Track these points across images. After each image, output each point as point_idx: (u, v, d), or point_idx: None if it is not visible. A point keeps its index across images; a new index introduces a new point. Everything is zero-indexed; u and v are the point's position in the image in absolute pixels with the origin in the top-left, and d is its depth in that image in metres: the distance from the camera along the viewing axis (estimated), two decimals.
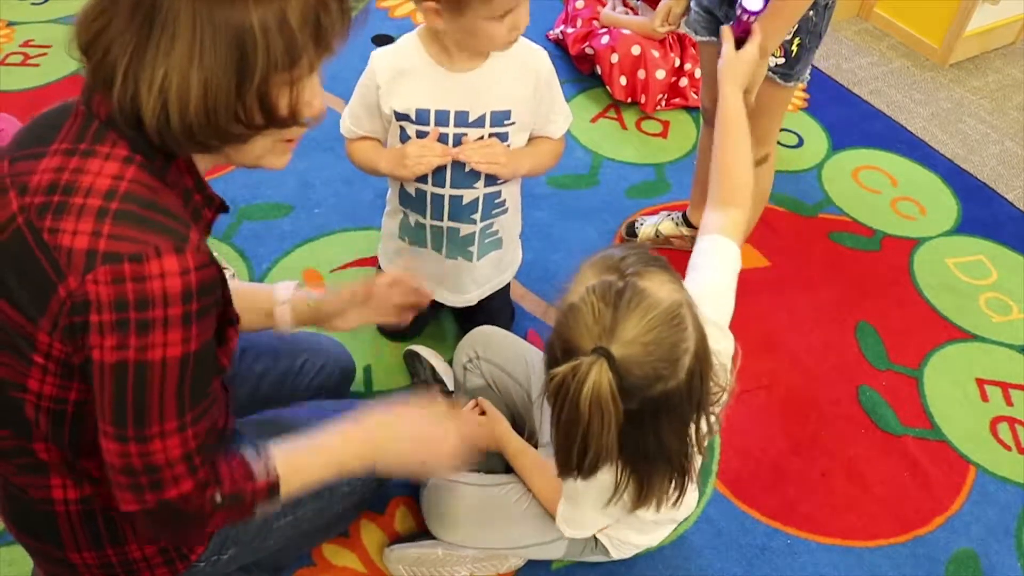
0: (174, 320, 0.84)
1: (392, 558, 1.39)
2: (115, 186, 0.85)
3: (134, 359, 0.84)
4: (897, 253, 2.11)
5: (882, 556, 1.52)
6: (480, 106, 1.36)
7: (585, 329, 0.94)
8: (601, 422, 0.93)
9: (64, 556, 1.03)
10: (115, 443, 0.88)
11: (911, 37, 2.88)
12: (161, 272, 0.82)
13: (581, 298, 0.95)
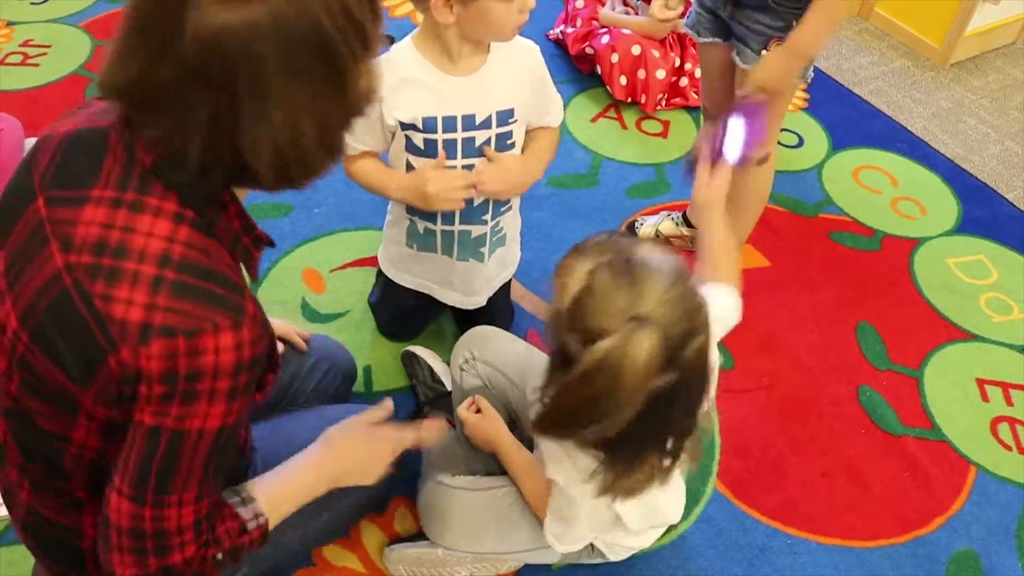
0: (220, 393, 0.83)
1: (392, 558, 1.39)
2: (168, 251, 0.82)
3: (171, 426, 0.83)
4: (897, 253, 2.11)
5: (882, 556, 1.52)
6: (485, 107, 1.35)
7: (607, 307, 0.92)
8: (630, 398, 0.92)
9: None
10: (129, 504, 0.86)
11: (911, 37, 2.88)
12: (216, 348, 0.81)
13: (589, 282, 0.94)
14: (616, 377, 0.90)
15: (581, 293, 0.94)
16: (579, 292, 0.95)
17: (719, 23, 1.62)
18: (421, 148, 1.37)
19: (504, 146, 1.40)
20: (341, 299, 1.84)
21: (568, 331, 0.95)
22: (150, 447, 0.84)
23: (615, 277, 0.93)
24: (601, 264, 0.95)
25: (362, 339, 1.76)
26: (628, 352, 0.89)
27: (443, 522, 1.35)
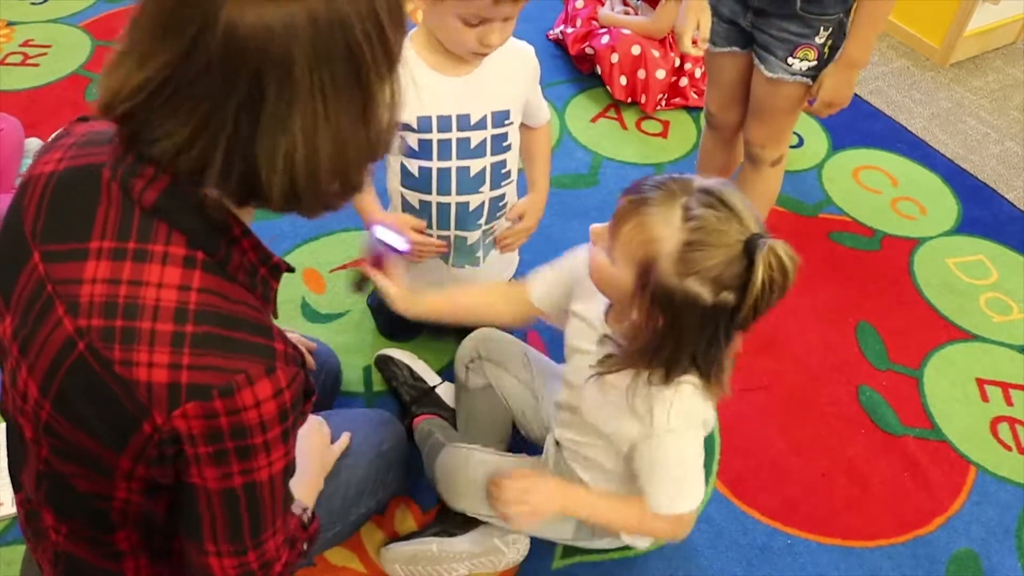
0: (274, 441, 0.80)
1: (388, 558, 1.39)
2: (184, 301, 0.77)
3: (241, 483, 0.81)
4: (897, 253, 2.11)
5: (882, 556, 1.52)
6: (480, 108, 1.35)
7: (724, 239, 0.96)
8: None
9: None
10: (232, 559, 0.86)
11: (911, 37, 2.88)
12: (256, 401, 0.77)
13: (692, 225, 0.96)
14: (783, 288, 0.99)
15: (690, 236, 0.96)
16: (687, 236, 0.96)
17: (737, 32, 1.62)
18: (417, 149, 1.36)
19: (500, 148, 1.39)
20: (341, 299, 1.84)
21: (685, 276, 0.97)
22: (231, 507, 0.82)
23: (715, 209, 0.97)
24: (689, 203, 0.98)
25: (362, 339, 1.76)
26: (780, 265, 0.98)
27: (458, 480, 1.33)
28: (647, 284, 0.99)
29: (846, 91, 1.56)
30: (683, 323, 1.00)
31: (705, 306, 0.97)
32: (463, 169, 1.38)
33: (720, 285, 0.96)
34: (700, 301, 0.97)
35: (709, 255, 0.96)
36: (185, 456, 0.78)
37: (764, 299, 0.97)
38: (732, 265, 0.96)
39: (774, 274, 0.97)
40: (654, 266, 0.98)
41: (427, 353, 1.73)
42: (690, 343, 1.02)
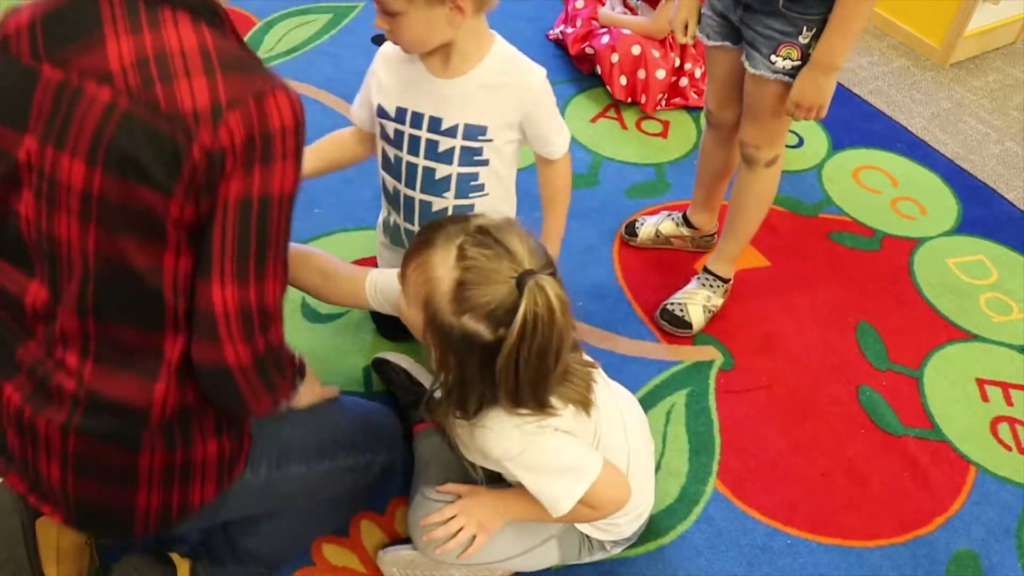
0: (290, 153, 0.93)
1: (386, 560, 1.39)
2: (204, 45, 0.90)
3: (258, 195, 0.91)
4: (897, 253, 2.11)
5: (882, 556, 1.52)
6: (454, 116, 1.34)
7: (495, 276, 1.01)
8: (568, 323, 1.03)
9: (136, 458, 1.04)
10: (235, 287, 0.94)
11: (911, 37, 2.88)
12: (278, 107, 0.91)
13: (464, 264, 1.02)
14: (550, 324, 1.00)
15: (462, 275, 1.02)
16: (459, 275, 1.02)
17: (729, 27, 1.62)
18: (392, 137, 1.39)
19: (471, 161, 1.38)
20: None
21: (460, 315, 1.02)
22: (244, 222, 0.92)
23: (487, 248, 1.02)
24: (464, 244, 1.03)
25: (362, 339, 1.76)
26: (543, 301, 0.99)
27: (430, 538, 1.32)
28: (432, 323, 1.05)
29: (814, 93, 1.53)
30: (468, 360, 1.05)
31: (485, 343, 1.02)
32: (429, 169, 1.39)
33: (496, 322, 1.01)
34: (479, 338, 1.02)
35: (481, 293, 1.01)
36: (226, 173, 0.89)
37: (531, 334, 1.00)
38: (504, 302, 1.00)
39: (539, 310, 0.99)
40: (435, 305, 1.04)
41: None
42: (478, 379, 1.06)
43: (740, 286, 1.97)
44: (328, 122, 2.26)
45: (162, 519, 1.10)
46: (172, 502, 1.09)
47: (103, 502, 1.07)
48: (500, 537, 1.32)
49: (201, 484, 1.10)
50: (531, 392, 1.07)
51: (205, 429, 1.08)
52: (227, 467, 1.13)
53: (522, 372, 1.03)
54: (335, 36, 2.57)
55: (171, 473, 1.07)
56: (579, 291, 1.91)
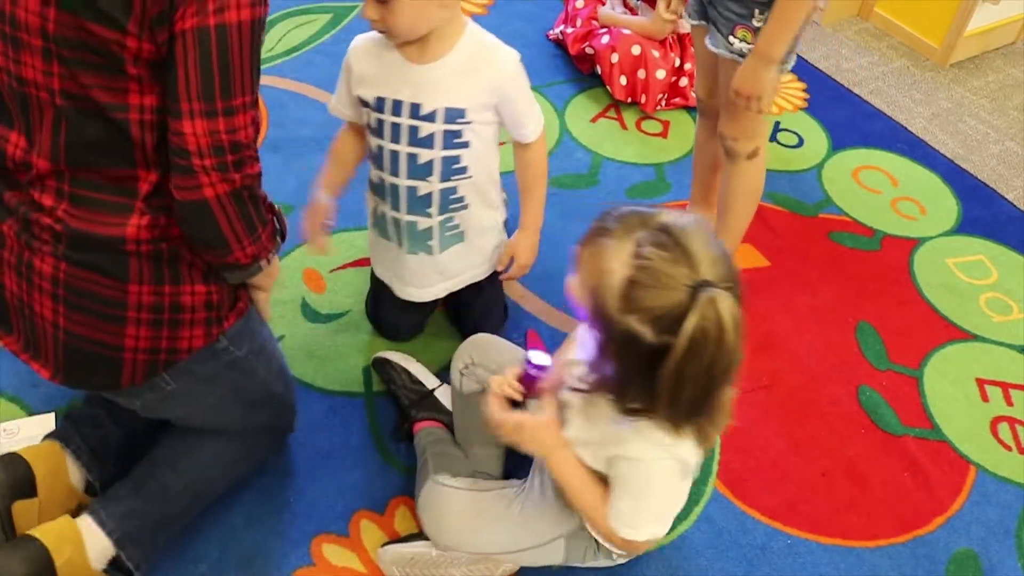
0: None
1: (386, 559, 1.39)
2: None
3: (214, 23, 0.93)
4: (897, 253, 2.11)
5: (882, 556, 1.52)
6: (433, 101, 1.36)
7: (669, 281, 0.94)
8: (740, 343, 0.95)
9: (124, 289, 1.07)
10: (203, 120, 0.96)
11: (911, 37, 2.88)
12: None
13: (638, 263, 0.95)
14: (719, 343, 0.93)
15: (635, 273, 0.96)
16: (632, 273, 0.96)
17: (702, 6, 1.66)
18: (374, 127, 1.41)
19: (452, 144, 1.40)
20: (341, 299, 1.84)
21: (627, 313, 0.96)
22: (203, 50, 0.93)
23: (664, 250, 0.95)
24: (642, 240, 0.96)
25: (362, 339, 1.76)
26: (716, 318, 0.92)
27: (441, 522, 1.34)
28: (597, 313, 1.01)
29: (751, 82, 1.51)
30: (627, 359, 1.00)
31: (647, 345, 0.96)
32: (412, 155, 1.40)
33: (661, 328, 0.95)
34: (642, 340, 0.96)
35: (651, 296, 0.95)
36: (174, 6, 0.90)
37: (697, 351, 0.94)
38: (674, 309, 0.94)
39: (708, 326, 0.93)
40: (602, 297, 0.99)
41: (425, 354, 1.73)
42: (637, 380, 1.01)
43: None
44: (328, 121, 2.25)
45: (150, 366, 1.12)
46: (161, 346, 1.12)
47: (93, 341, 1.09)
48: (511, 527, 1.32)
49: (190, 328, 1.13)
50: (688, 410, 1.02)
51: (194, 272, 1.11)
52: (216, 314, 1.16)
53: (686, 388, 0.97)
54: (335, 36, 2.57)
55: (160, 311, 1.09)
56: None
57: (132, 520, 1.27)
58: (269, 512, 1.47)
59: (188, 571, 1.38)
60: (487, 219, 1.57)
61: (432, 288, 1.61)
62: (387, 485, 1.53)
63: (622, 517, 1.16)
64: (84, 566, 1.23)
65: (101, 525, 1.25)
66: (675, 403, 1.00)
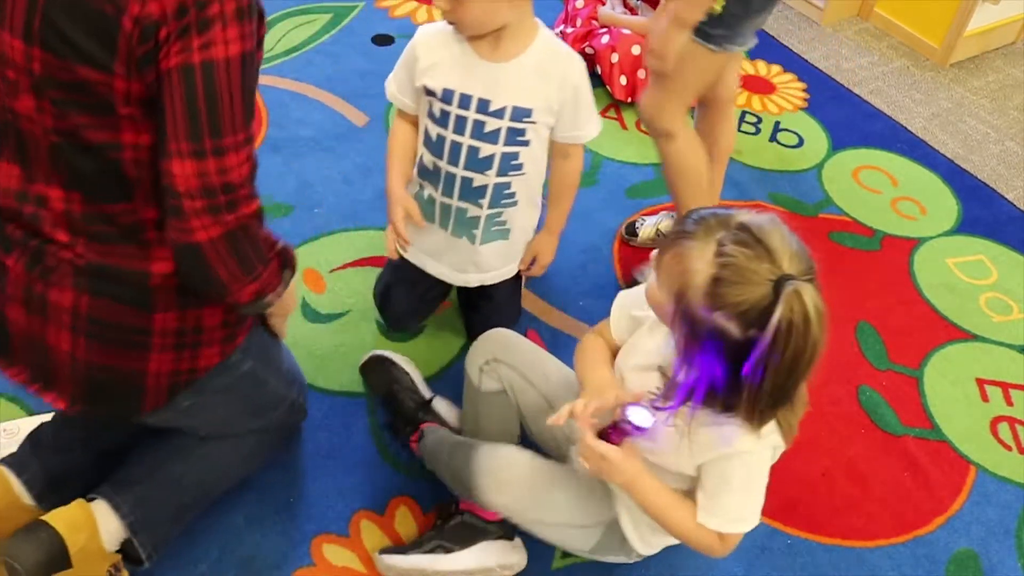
0: (230, 15, 0.90)
1: (382, 565, 1.39)
2: None
3: (199, 60, 0.89)
4: (897, 253, 2.11)
5: (882, 556, 1.52)
6: (502, 98, 1.40)
7: (752, 276, 0.97)
8: (824, 335, 0.98)
9: (150, 318, 1.06)
10: (192, 161, 0.92)
11: (911, 37, 2.88)
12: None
13: (721, 261, 0.98)
14: (805, 334, 0.96)
15: (719, 271, 0.98)
16: (716, 271, 0.98)
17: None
18: (437, 116, 1.44)
19: (514, 141, 1.44)
20: (341, 299, 1.84)
21: (713, 310, 0.99)
22: (189, 87, 0.90)
23: (746, 247, 0.98)
24: (723, 239, 0.99)
25: (362, 339, 1.76)
26: (802, 310, 0.95)
27: (509, 484, 1.32)
28: (682, 313, 1.02)
29: (664, 42, 1.50)
30: (713, 356, 1.01)
31: (734, 341, 0.98)
32: (474, 148, 1.43)
33: (747, 323, 0.97)
34: (728, 336, 0.98)
35: (736, 292, 0.97)
36: (161, 44, 0.88)
37: (784, 342, 0.96)
38: (759, 303, 0.96)
39: (794, 317, 0.95)
40: (687, 296, 1.01)
41: (427, 353, 1.73)
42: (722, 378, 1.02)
43: None
44: (328, 122, 2.26)
45: (171, 388, 1.12)
46: (182, 367, 1.11)
47: (115, 369, 1.08)
48: (573, 497, 1.31)
49: (208, 347, 1.13)
50: (771, 402, 1.03)
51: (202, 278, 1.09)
52: (231, 333, 1.16)
53: (768, 379, 0.99)
54: (335, 36, 2.57)
55: (183, 333, 1.09)
56: (579, 291, 1.92)
57: (146, 506, 1.26)
58: (269, 512, 1.47)
59: (188, 571, 1.38)
60: (530, 218, 1.61)
61: (466, 275, 1.63)
62: (387, 485, 1.53)
63: (729, 514, 1.16)
64: (98, 551, 1.23)
65: (116, 509, 1.24)
66: (760, 396, 1.02)
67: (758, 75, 2.66)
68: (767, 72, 2.68)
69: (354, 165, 2.13)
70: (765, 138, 2.41)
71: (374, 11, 2.65)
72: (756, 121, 2.47)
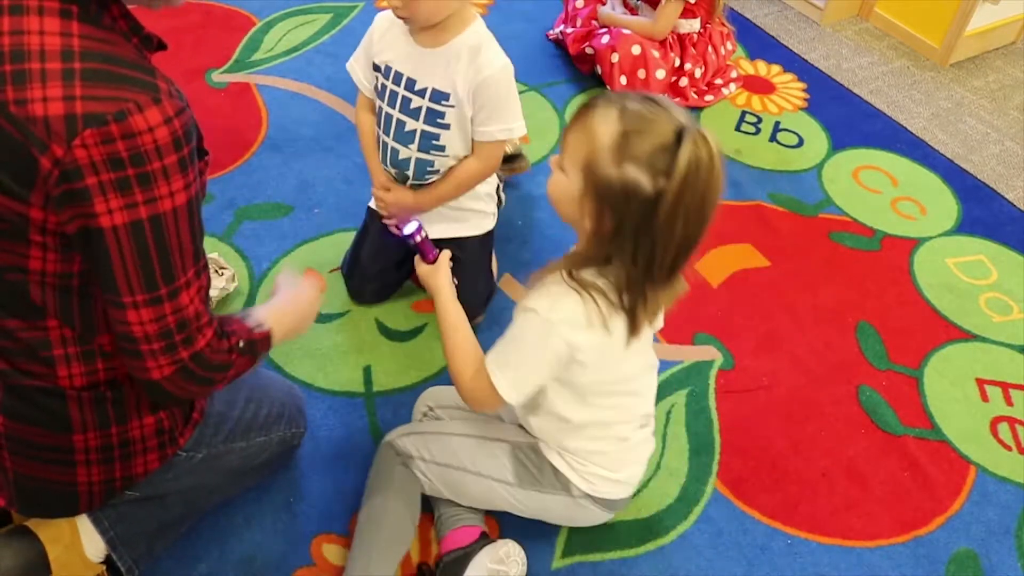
0: (172, 168, 0.86)
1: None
2: (68, 44, 0.82)
3: (147, 215, 0.87)
4: (897, 253, 2.11)
5: (882, 556, 1.52)
6: (425, 80, 1.54)
7: (658, 128, 1.02)
8: (723, 177, 1.04)
9: (69, 439, 1.04)
10: (149, 309, 0.91)
11: (911, 37, 2.88)
12: (148, 126, 0.83)
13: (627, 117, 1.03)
14: (711, 172, 1.02)
15: (625, 126, 1.03)
16: (623, 127, 1.03)
17: None
18: (379, 90, 1.61)
19: (434, 123, 1.57)
20: (341, 299, 1.84)
21: (623, 163, 1.02)
22: (139, 244, 0.88)
23: (648, 106, 1.04)
24: (626, 103, 1.05)
25: (362, 339, 1.76)
26: (707, 148, 1.01)
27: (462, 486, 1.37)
28: (592, 182, 1.06)
29: None
30: (626, 217, 1.05)
31: (645, 195, 1.02)
32: (401, 122, 1.59)
33: (656, 170, 1.01)
34: (640, 189, 1.02)
35: (642, 140, 1.02)
36: (89, 192, 0.83)
37: (693, 182, 1.01)
38: (665, 149, 1.01)
39: (700, 154, 1.00)
40: (595, 160, 1.05)
41: (427, 353, 1.74)
42: (632, 239, 1.06)
43: (740, 286, 1.97)
44: (328, 122, 2.26)
45: (107, 493, 1.12)
46: (115, 476, 1.10)
47: (44, 481, 1.07)
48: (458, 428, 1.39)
49: (144, 456, 1.11)
50: (672, 259, 1.07)
51: (142, 407, 1.08)
52: (169, 437, 1.14)
53: (680, 225, 1.03)
54: (335, 36, 2.57)
55: (110, 449, 1.07)
56: None
57: (127, 522, 1.26)
58: (269, 512, 1.47)
59: (188, 571, 1.38)
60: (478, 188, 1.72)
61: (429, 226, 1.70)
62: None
63: (494, 355, 1.21)
64: (80, 560, 1.22)
65: (96, 523, 1.24)
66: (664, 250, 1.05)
67: (758, 75, 2.66)
68: (767, 72, 2.68)
69: (354, 165, 2.13)
70: (765, 138, 2.42)
71: (374, 11, 2.65)
72: (756, 121, 2.47)
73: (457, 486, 1.37)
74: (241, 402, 1.29)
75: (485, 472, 1.35)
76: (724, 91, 2.53)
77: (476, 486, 1.36)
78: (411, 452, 1.38)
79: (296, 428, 1.43)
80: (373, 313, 1.80)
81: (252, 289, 1.83)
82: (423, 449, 1.37)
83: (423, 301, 1.84)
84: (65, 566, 1.21)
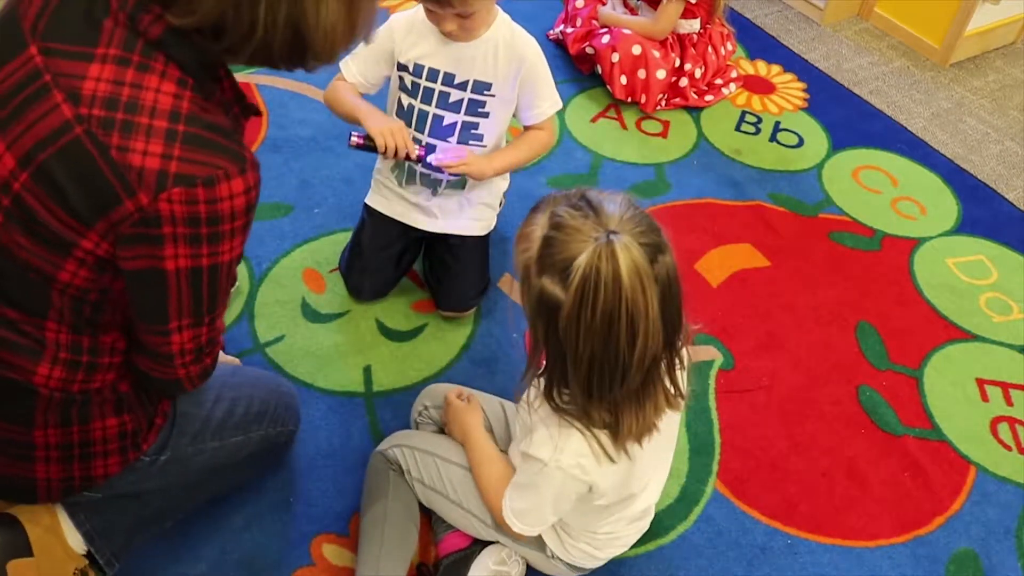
0: (238, 230, 0.96)
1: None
2: (177, 107, 0.90)
3: (208, 264, 0.96)
4: (897, 253, 2.11)
5: (882, 556, 1.52)
6: (466, 72, 1.57)
7: (576, 235, 0.96)
8: (645, 297, 0.94)
9: (29, 433, 1.07)
10: (190, 331, 1.03)
11: (911, 37, 2.88)
12: (230, 194, 0.92)
13: (554, 221, 0.99)
14: (615, 289, 0.93)
15: (547, 233, 0.99)
16: (545, 234, 0.99)
17: None
18: (409, 88, 1.61)
19: (475, 112, 1.61)
20: (341, 299, 1.84)
21: (543, 274, 0.98)
22: (195, 285, 0.98)
23: (576, 209, 0.99)
24: (558, 206, 1.01)
25: (362, 339, 1.76)
26: (611, 257, 0.93)
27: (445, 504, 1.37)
28: (527, 292, 1.03)
29: None
30: (547, 328, 1.00)
31: (551, 305, 0.98)
32: (438, 117, 1.61)
33: (563, 282, 0.96)
34: (548, 299, 0.98)
35: (559, 250, 0.97)
36: (163, 239, 0.92)
37: (592, 297, 0.93)
38: (575, 259, 0.95)
39: (602, 270, 0.92)
40: (527, 270, 1.02)
41: (427, 353, 1.74)
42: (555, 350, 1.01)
43: (740, 286, 1.97)
44: (328, 122, 2.26)
45: (64, 491, 1.15)
46: (73, 475, 1.13)
47: (3, 472, 1.12)
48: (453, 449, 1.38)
49: (104, 459, 1.14)
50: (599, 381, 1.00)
51: (105, 409, 1.11)
52: (131, 441, 1.16)
53: (583, 342, 0.96)
54: None
55: (69, 448, 1.10)
56: None
57: (102, 515, 1.26)
58: (269, 512, 1.47)
59: (188, 571, 1.38)
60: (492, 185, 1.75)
61: (435, 220, 1.74)
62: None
63: (511, 505, 1.22)
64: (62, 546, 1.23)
65: (72, 516, 1.25)
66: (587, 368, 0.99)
67: (758, 75, 2.66)
68: (767, 72, 2.68)
69: (354, 165, 2.13)
70: (765, 138, 2.42)
71: None
72: (756, 121, 2.47)
73: (436, 505, 1.39)
74: (209, 402, 1.28)
75: (466, 505, 1.35)
76: (724, 91, 2.53)
77: (454, 513, 1.37)
78: (400, 463, 1.39)
79: (283, 426, 1.41)
80: (373, 313, 1.80)
81: (252, 289, 1.83)
82: (411, 463, 1.38)
83: (423, 301, 1.85)
84: (45, 549, 1.21)
